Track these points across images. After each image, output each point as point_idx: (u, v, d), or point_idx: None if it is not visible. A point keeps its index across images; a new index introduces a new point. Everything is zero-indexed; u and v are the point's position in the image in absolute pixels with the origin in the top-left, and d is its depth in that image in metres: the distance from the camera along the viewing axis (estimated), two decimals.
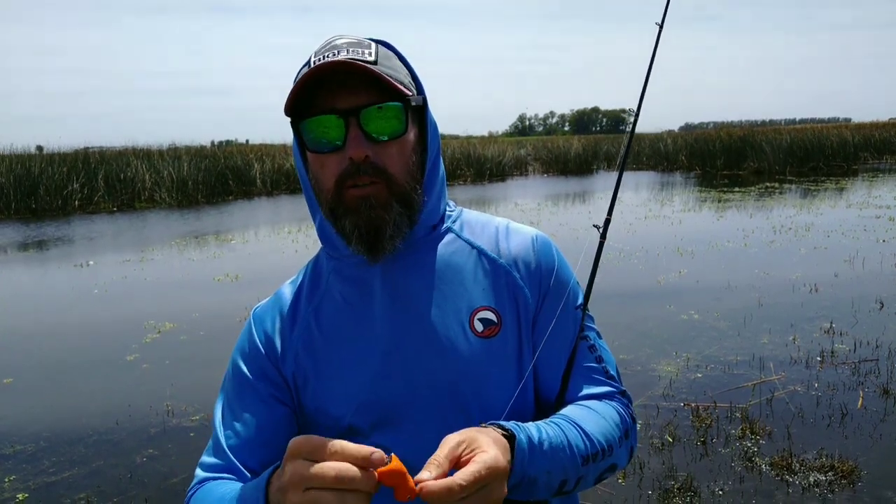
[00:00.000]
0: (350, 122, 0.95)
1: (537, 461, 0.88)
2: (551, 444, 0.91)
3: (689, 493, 3.23)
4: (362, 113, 0.95)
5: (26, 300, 7.93)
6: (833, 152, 24.88)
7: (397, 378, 1.01)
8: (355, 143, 0.95)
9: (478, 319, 1.04)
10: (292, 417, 1.06)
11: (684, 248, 9.28)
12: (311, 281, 1.11)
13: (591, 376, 1.07)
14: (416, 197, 1.02)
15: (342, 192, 0.98)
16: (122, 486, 3.53)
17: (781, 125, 72.25)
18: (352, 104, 0.95)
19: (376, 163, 0.96)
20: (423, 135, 1.05)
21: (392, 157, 0.98)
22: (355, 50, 0.97)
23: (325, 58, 0.96)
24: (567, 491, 0.94)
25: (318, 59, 0.97)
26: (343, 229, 1.00)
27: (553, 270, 1.10)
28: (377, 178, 0.97)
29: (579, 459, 0.94)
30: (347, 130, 0.96)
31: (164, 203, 18.54)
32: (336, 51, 0.97)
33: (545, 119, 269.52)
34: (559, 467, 0.91)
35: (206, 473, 1.03)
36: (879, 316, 5.86)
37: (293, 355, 1.06)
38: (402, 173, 1.00)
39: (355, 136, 0.95)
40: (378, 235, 0.98)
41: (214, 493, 0.97)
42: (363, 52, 0.97)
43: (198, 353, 5.62)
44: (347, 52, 0.96)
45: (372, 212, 0.97)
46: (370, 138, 0.96)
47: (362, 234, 0.98)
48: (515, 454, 0.85)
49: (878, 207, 12.87)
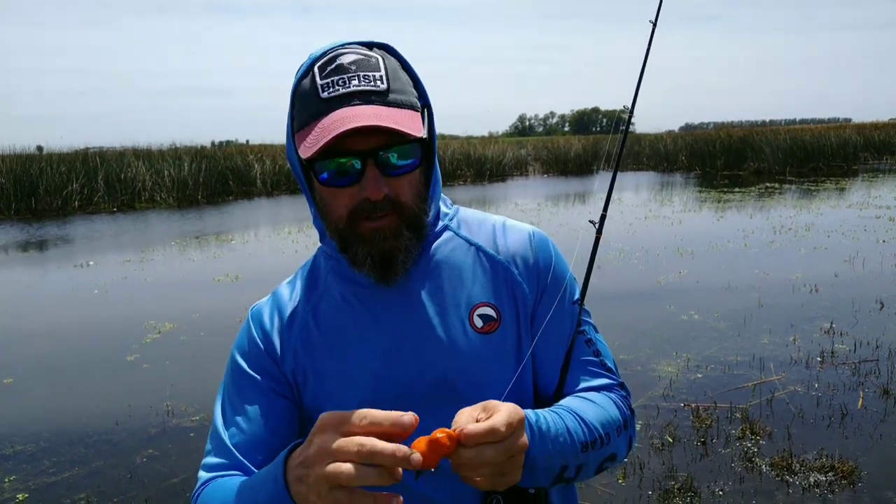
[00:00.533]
0: (367, 163, 0.95)
1: (538, 444, 0.89)
2: (550, 428, 0.92)
3: (690, 494, 3.23)
4: (380, 155, 0.95)
5: (26, 300, 7.93)
6: (833, 153, 24.88)
7: (398, 375, 1.02)
8: (374, 184, 0.95)
9: (477, 315, 1.05)
10: (295, 411, 1.06)
11: (684, 249, 9.28)
12: (309, 280, 1.11)
13: (589, 369, 1.08)
14: (424, 217, 1.04)
15: (355, 224, 0.98)
16: (122, 486, 3.53)
17: (781, 125, 72.22)
18: (368, 146, 0.95)
19: (391, 196, 0.97)
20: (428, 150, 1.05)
21: (404, 188, 0.99)
22: (366, 75, 0.95)
23: (335, 85, 0.95)
24: (568, 478, 0.95)
25: (327, 85, 0.95)
26: (355, 256, 1.01)
27: (550, 266, 1.11)
28: (391, 211, 0.98)
29: (579, 445, 0.95)
30: (364, 170, 0.95)
31: (165, 203, 18.55)
32: (345, 78, 0.95)
33: (545, 119, 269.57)
34: (559, 452, 0.92)
35: (211, 474, 1.02)
36: (879, 316, 5.86)
37: (292, 354, 1.06)
38: (413, 200, 1.00)
39: (373, 175, 0.95)
40: (391, 263, 1.00)
41: (225, 486, 0.96)
42: (374, 79, 0.95)
43: (198, 353, 5.62)
44: (359, 81, 0.95)
45: (385, 243, 0.98)
46: (386, 175, 0.96)
47: (375, 262, 0.99)
48: None
49: (878, 208, 12.87)
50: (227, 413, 1.05)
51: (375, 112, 0.93)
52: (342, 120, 0.92)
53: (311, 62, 0.99)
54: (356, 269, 1.02)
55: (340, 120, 0.92)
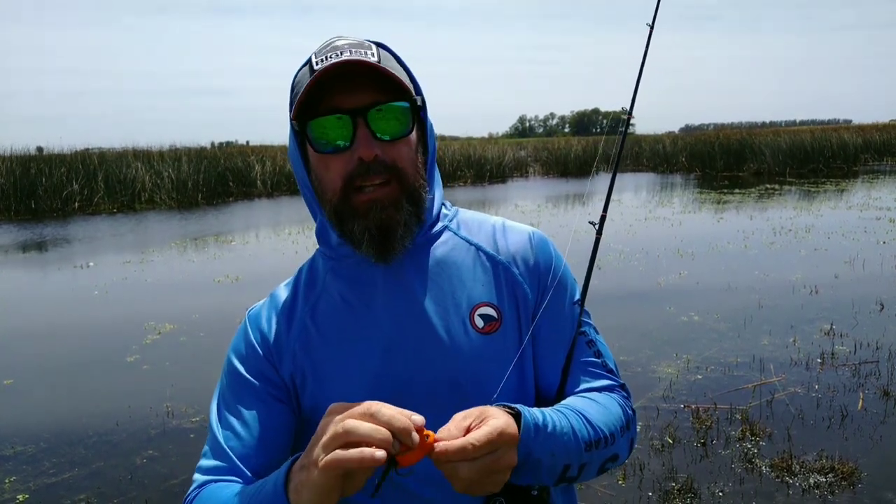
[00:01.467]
0: (357, 122, 0.95)
1: (542, 442, 0.89)
2: (555, 427, 0.92)
3: (690, 495, 3.23)
4: (370, 113, 0.95)
5: (26, 301, 7.93)
6: (833, 154, 24.90)
7: (398, 374, 1.02)
8: (364, 143, 0.95)
9: (478, 315, 1.05)
10: (292, 416, 1.06)
11: (684, 250, 9.28)
12: (308, 281, 1.11)
13: (591, 370, 1.08)
14: (424, 194, 1.03)
15: (349, 196, 0.98)
16: (122, 487, 3.53)
17: (781, 127, 72.26)
18: (358, 104, 0.95)
19: (386, 161, 0.97)
20: (422, 135, 1.06)
21: (401, 154, 0.99)
22: (357, 50, 0.97)
23: (328, 58, 0.96)
24: (570, 477, 0.95)
25: (321, 60, 0.96)
26: (350, 233, 1.00)
27: (551, 267, 1.11)
28: (388, 176, 0.97)
29: (582, 444, 0.95)
30: (355, 130, 0.95)
31: (165, 204, 18.55)
32: (338, 52, 0.96)
33: (545, 120, 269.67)
34: (563, 450, 0.92)
35: (207, 476, 1.01)
36: (880, 317, 5.86)
37: (291, 356, 1.05)
38: (412, 170, 1.00)
39: (364, 135, 0.95)
40: (389, 237, 0.99)
41: (221, 494, 0.96)
42: (365, 53, 0.97)
43: (198, 354, 5.62)
44: (350, 54, 0.96)
45: (383, 213, 0.97)
46: (378, 137, 0.96)
47: (373, 236, 0.98)
48: (521, 431, 0.86)
49: (878, 209, 12.87)
50: (223, 417, 1.05)
51: (365, 63, 0.95)
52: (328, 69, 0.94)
53: (310, 56, 1.01)
54: (355, 248, 1.01)
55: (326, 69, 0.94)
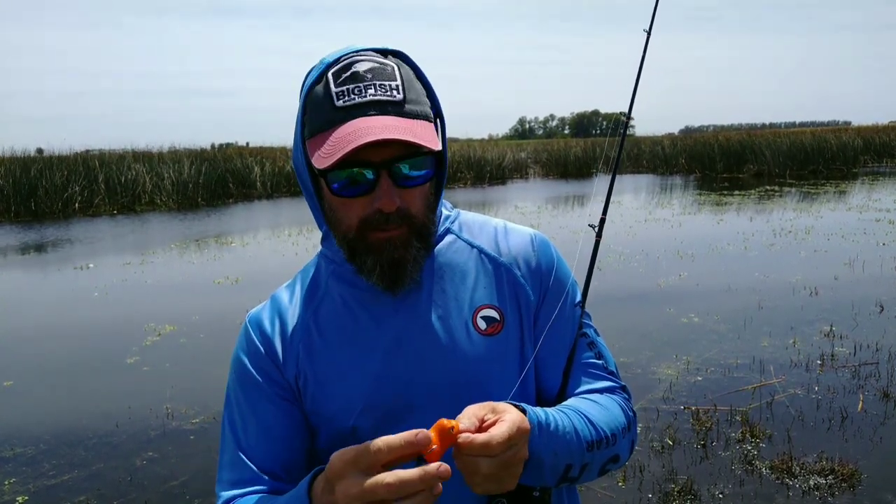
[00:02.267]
0: (381, 174, 0.94)
1: (545, 440, 0.89)
2: (557, 426, 0.92)
3: (690, 497, 3.23)
4: (395, 167, 0.94)
5: (27, 303, 7.93)
6: (833, 155, 24.92)
7: (400, 378, 1.01)
8: (387, 196, 0.94)
9: (480, 317, 1.05)
10: (303, 416, 1.05)
11: (684, 252, 9.29)
12: (310, 284, 1.10)
13: (592, 372, 1.09)
14: (432, 227, 1.04)
15: (365, 234, 0.98)
16: (121, 488, 3.53)
17: (781, 128, 72.29)
18: (383, 157, 0.93)
19: (402, 209, 0.96)
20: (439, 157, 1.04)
21: (415, 200, 0.98)
22: (382, 84, 0.94)
23: (350, 94, 0.93)
24: (572, 478, 0.95)
25: (342, 93, 0.94)
26: (363, 264, 1.00)
27: (552, 269, 1.11)
28: (402, 223, 0.97)
29: (584, 444, 0.95)
30: (377, 179, 0.94)
31: (165, 206, 18.56)
32: (362, 86, 0.94)
33: (545, 122, 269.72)
34: (565, 450, 0.92)
35: (231, 491, 1.01)
36: (879, 319, 5.86)
37: (294, 359, 1.05)
38: (423, 212, 1.00)
39: (386, 186, 0.94)
40: (399, 272, 0.99)
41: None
42: (390, 89, 0.94)
43: (198, 355, 5.62)
44: (375, 90, 0.93)
45: (395, 252, 0.97)
46: (399, 186, 0.96)
47: (384, 271, 0.99)
48: None
49: (878, 210, 12.88)
50: (235, 423, 1.04)
51: (393, 124, 0.92)
52: (359, 131, 0.90)
53: (325, 67, 0.97)
54: (364, 277, 1.01)
55: (357, 131, 0.90)
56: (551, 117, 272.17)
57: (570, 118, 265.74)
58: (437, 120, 1.03)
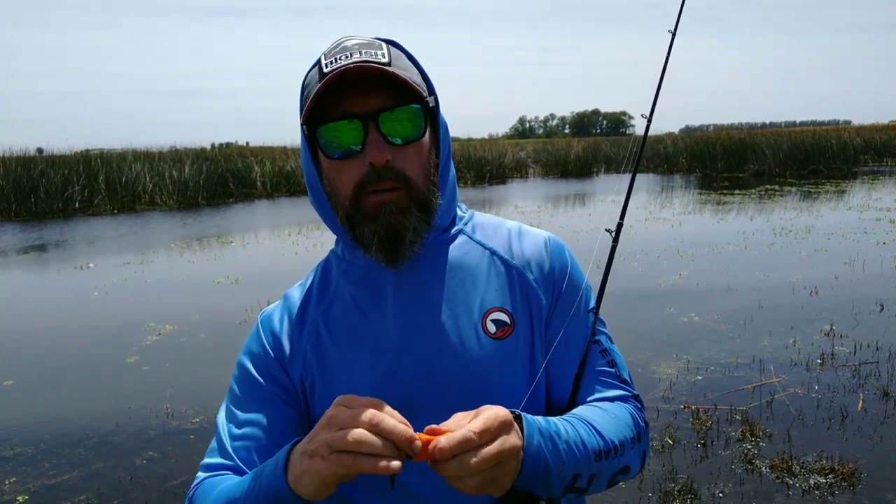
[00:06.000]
0: (368, 127, 0.94)
1: (549, 447, 0.88)
2: (561, 434, 0.90)
3: (690, 496, 3.23)
4: (381, 116, 0.94)
5: (27, 302, 7.93)
6: (833, 155, 24.91)
7: (408, 379, 1.01)
8: (376, 148, 0.93)
9: (490, 320, 1.03)
10: (299, 421, 1.05)
11: (684, 251, 9.29)
12: (321, 283, 1.10)
13: (604, 380, 1.06)
14: (434, 200, 1.02)
15: (361, 199, 0.97)
16: (122, 488, 3.53)
17: (782, 128, 72.22)
18: (369, 108, 0.94)
19: (395, 167, 0.95)
20: (435, 136, 1.04)
21: (411, 160, 0.97)
22: (367, 51, 0.95)
23: (338, 60, 0.94)
24: (580, 488, 0.93)
25: (330, 62, 0.95)
26: (361, 237, 0.99)
27: (566, 273, 1.09)
28: (397, 184, 0.96)
29: (591, 454, 0.93)
30: (366, 135, 0.94)
31: (165, 205, 18.55)
32: (348, 53, 0.95)
33: (545, 121, 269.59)
34: (571, 459, 0.90)
35: (209, 473, 1.02)
36: (880, 318, 5.86)
37: (302, 358, 1.05)
38: (421, 177, 0.99)
39: (375, 140, 0.94)
40: (398, 242, 0.97)
41: (221, 484, 0.98)
42: (375, 54, 0.95)
43: (198, 355, 5.62)
44: (360, 55, 0.94)
45: (392, 217, 0.96)
46: (389, 142, 0.95)
47: (382, 240, 0.97)
48: (525, 431, 0.86)
49: (878, 210, 12.88)
50: (230, 416, 1.05)
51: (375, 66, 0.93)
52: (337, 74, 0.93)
53: (320, 56, 1.00)
54: (365, 252, 1.00)
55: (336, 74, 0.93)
56: (551, 116, 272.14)
57: (571, 117, 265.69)
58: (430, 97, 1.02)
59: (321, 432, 0.81)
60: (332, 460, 0.79)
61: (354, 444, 0.77)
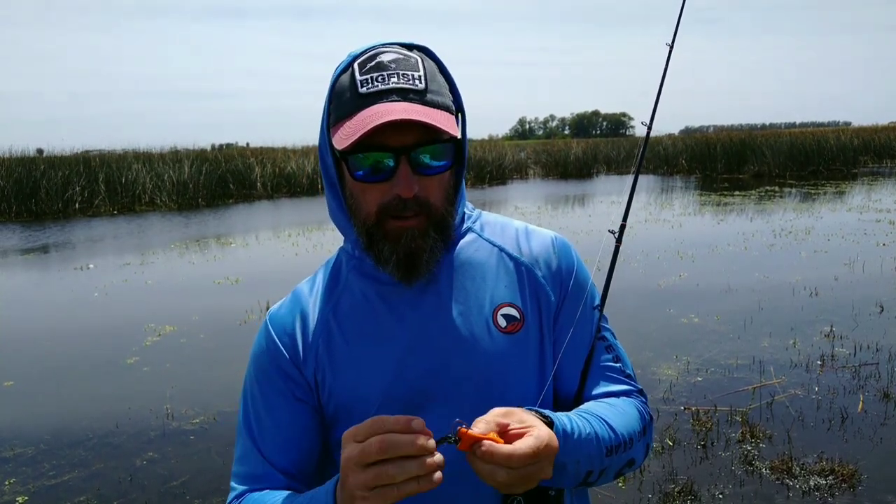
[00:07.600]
0: (400, 160, 0.95)
1: (569, 449, 0.90)
2: (580, 434, 0.93)
3: (690, 497, 3.23)
4: (413, 153, 0.95)
5: (27, 303, 7.93)
6: (833, 156, 24.91)
7: (421, 372, 1.02)
8: (405, 182, 0.95)
9: (501, 315, 1.05)
10: (317, 416, 1.07)
11: (684, 252, 9.29)
12: (330, 279, 1.11)
13: (610, 375, 1.09)
14: (451, 220, 1.04)
15: (384, 221, 0.99)
16: (122, 488, 3.53)
17: (781, 129, 72.28)
18: (403, 143, 0.95)
19: (420, 196, 0.97)
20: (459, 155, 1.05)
21: (434, 189, 0.99)
22: (405, 74, 0.96)
23: (374, 81, 0.95)
24: (591, 482, 0.97)
25: (366, 81, 0.95)
26: (380, 253, 1.01)
27: (573, 271, 1.12)
28: (420, 211, 0.98)
29: (604, 450, 0.96)
30: (397, 165, 0.96)
31: (165, 206, 18.56)
32: (385, 74, 0.95)
33: (545, 122, 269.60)
34: (586, 457, 0.93)
35: (244, 485, 1.03)
36: (880, 319, 5.86)
37: (313, 354, 1.06)
38: (441, 201, 1.01)
39: (405, 173, 0.95)
40: (415, 262, 1.00)
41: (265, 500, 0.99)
42: (413, 78, 0.96)
43: (198, 355, 5.62)
44: (398, 78, 0.95)
45: (412, 242, 0.98)
46: (418, 174, 0.97)
47: (400, 260, 1.00)
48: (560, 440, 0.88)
49: (878, 211, 12.88)
50: (250, 418, 1.06)
51: (413, 108, 0.93)
52: (379, 114, 0.92)
53: (351, 59, 0.99)
54: (380, 266, 1.03)
55: (377, 114, 0.93)
56: (551, 118, 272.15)
57: (571, 118, 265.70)
58: (458, 115, 1.03)
59: (349, 477, 0.80)
60: (374, 497, 0.78)
61: (389, 477, 0.77)
